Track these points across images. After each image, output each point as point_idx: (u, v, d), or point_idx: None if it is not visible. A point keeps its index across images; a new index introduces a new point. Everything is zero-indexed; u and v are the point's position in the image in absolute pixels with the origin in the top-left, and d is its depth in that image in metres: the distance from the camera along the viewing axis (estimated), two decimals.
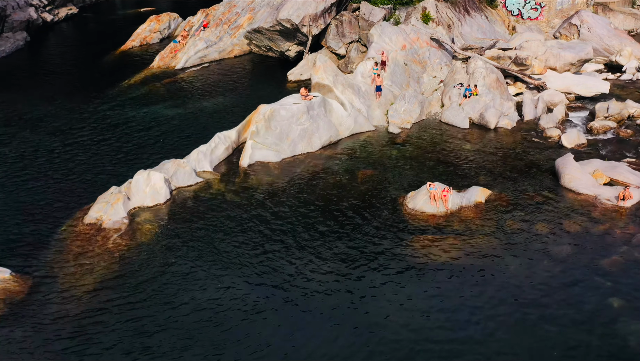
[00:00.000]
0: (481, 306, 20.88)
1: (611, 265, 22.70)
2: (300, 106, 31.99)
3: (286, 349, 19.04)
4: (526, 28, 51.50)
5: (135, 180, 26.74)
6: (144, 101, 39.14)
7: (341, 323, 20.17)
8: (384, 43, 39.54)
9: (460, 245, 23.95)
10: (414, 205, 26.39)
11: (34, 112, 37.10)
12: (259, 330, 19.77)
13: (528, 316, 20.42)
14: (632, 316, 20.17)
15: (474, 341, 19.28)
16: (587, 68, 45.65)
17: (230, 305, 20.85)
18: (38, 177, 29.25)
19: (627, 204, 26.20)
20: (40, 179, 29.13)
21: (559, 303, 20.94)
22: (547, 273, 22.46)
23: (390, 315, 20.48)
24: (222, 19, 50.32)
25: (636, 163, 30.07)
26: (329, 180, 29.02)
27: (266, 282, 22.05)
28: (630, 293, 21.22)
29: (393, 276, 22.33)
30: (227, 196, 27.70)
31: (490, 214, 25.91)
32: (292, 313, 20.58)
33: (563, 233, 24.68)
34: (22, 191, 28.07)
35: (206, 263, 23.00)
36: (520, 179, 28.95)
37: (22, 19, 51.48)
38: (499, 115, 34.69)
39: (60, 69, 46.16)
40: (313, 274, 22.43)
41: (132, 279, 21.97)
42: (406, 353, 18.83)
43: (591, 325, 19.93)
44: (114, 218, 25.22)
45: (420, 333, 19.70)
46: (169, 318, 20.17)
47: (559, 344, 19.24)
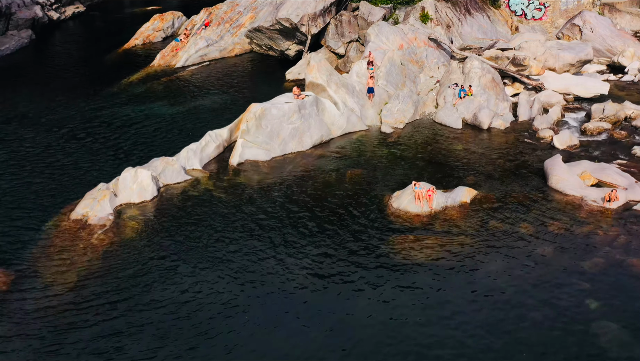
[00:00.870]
0: (459, 306, 20.86)
1: (591, 267, 22.62)
2: (292, 104, 32.12)
3: (261, 348, 19.10)
4: (529, 28, 51.33)
5: (123, 177, 26.99)
6: (142, 99, 39.44)
7: (319, 322, 20.21)
8: (380, 43, 39.58)
9: (442, 245, 23.96)
10: (398, 205, 26.43)
11: (32, 109, 37.52)
12: (235, 328, 19.85)
13: (505, 316, 20.39)
14: (607, 318, 20.11)
15: (452, 341, 19.26)
16: (588, 69, 45.45)
17: (208, 303, 20.96)
18: (28, 173, 29.57)
19: (612, 206, 26.08)
20: (31, 175, 29.45)
21: (537, 304, 20.90)
22: (527, 273, 22.42)
23: (368, 315, 20.49)
24: (224, 17, 50.58)
25: (627, 165, 29.92)
26: (317, 179, 29.12)
27: (247, 280, 22.16)
28: (607, 295, 21.14)
29: (372, 275, 22.37)
30: (214, 194, 27.88)
31: (475, 215, 25.89)
32: (270, 311, 20.64)
33: (546, 234, 24.62)
34: (11, 186, 28.40)
35: (188, 260, 23.17)
36: (508, 179, 28.89)
37: (28, 17, 52.01)
38: (492, 115, 34.60)
39: (62, 66, 46.59)
40: (293, 272, 22.53)
41: (113, 276, 22.18)
42: (383, 354, 18.83)
43: (567, 326, 19.87)
44: (100, 215, 25.48)
45: (398, 333, 19.67)
46: (146, 316, 20.28)
47: (534, 344, 19.20)
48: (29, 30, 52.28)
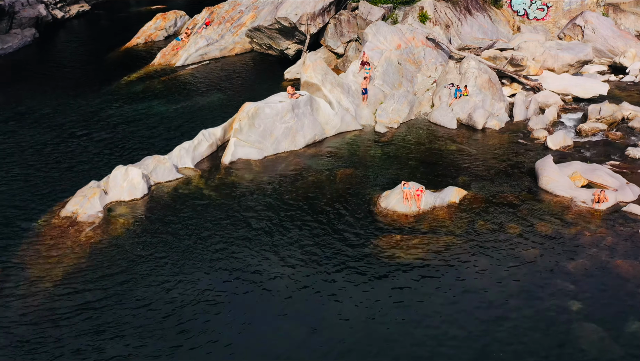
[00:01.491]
0: (441, 306, 20.89)
1: (576, 268, 22.57)
2: (285, 104, 32.21)
3: (241, 347, 19.13)
4: (531, 29, 51.15)
5: (113, 175, 27.19)
6: (140, 98, 39.66)
7: (301, 321, 20.26)
8: (378, 42, 39.61)
9: (428, 245, 23.97)
10: (386, 204, 26.46)
11: (30, 106, 37.81)
12: (217, 327, 19.87)
13: (487, 316, 20.39)
14: (588, 319, 20.08)
15: (432, 341, 19.29)
16: (589, 69, 45.30)
17: (192, 302, 21.03)
18: (22, 170, 29.81)
19: (601, 207, 25.99)
20: (24, 172, 29.68)
21: (519, 305, 20.89)
22: (512, 274, 22.40)
23: (350, 314, 20.53)
24: (225, 17, 50.77)
25: (619, 166, 29.79)
26: (307, 178, 29.19)
27: (232, 279, 22.24)
28: (590, 296, 21.11)
29: (357, 274, 22.43)
30: (204, 192, 28.02)
31: (463, 215, 25.88)
32: (253, 310, 20.70)
33: (533, 235, 24.58)
34: (4, 183, 28.64)
35: (175, 258, 23.30)
36: (499, 180, 28.85)
37: (31, 16, 52.41)
38: (487, 116, 34.54)
39: (63, 65, 46.93)
40: (278, 271, 22.61)
41: (99, 273, 22.34)
42: (363, 353, 18.88)
43: (547, 327, 19.86)
44: (89, 212, 25.69)
45: (379, 332, 19.72)
46: (128, 315, 20.31)
47: (514, 345, 19.20)
48: (33, 28, 52.68)
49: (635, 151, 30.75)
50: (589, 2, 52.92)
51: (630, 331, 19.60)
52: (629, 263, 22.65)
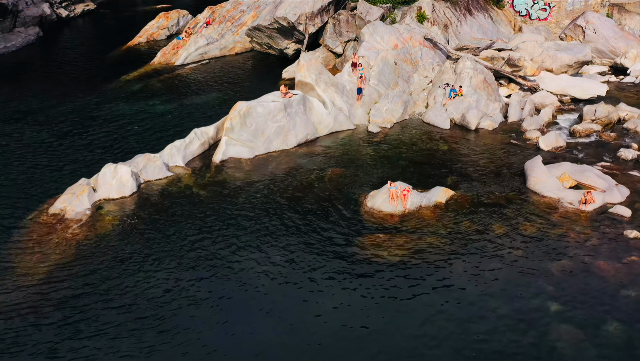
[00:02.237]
0: (420, 306, 20.92)
1: (558, 269, 22.53)
2: (278, 103, 32.33)
3: (217, 345, 19.18)
4: (533, 29, 50.97)
5: (103, 173, 27.43)
6: (138, 96, 39.94)
7: (280, 320, 20.31)
8: (375, 42, 39.67)
9: (411, 245, 24.00)
10: (372, 204, 26.51)
11: (28, 104, 38.17)
12: (195, 325, 19.92)
13: (465, 316, 20.39)
14: (566, 320, 20.04)
15: (409, 341, 19.34)
16: (589, 70, 45.13)
17: (173, 300, 21.11)
18: (15, 168, 30.11)
19: (588, 209, 25.91)
20: (18, 169, 29.99)
21: (498, 305, 20.87)
22: (493, 275, 22.39)
23: (330, 313, 20.60)
24: (226, 16, 50.99)
25: (610, 167, 29.67)
26: (297, 177, 29.29)
27: (214, 277, 22.35)
28: (569, 298, 21.05)
29: (338, 273, 22.50)
30: (193, 191, 28.19)
31: (448, 215, 25.88)
32: (234, 308, 20.81)
33: (518, 236, 24.54)
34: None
35: (159, 256, 23.45)
36: (489, 180, 28.82)
37: (35, 15, 52.87)
38: (480, 116, 34.49)
39: (64, 63, 47.32)
40: (262, 270, 22.68)
41: (82, 270, 22.50)
42: (338, 353, 18.94)
43: (525, 328, 19.82)
44: (77, 209, 25.93)
45: (356, 332, 19.77)
46: (108, 312, 20.45)
47: (490, 346, 19.20)
48: (37, 27, 53.14)
49: (627, 153, 30.60)
50: (593, 2, 52.61)
51: (607, 332, 19.54)
52: (611, 265, 22.57)
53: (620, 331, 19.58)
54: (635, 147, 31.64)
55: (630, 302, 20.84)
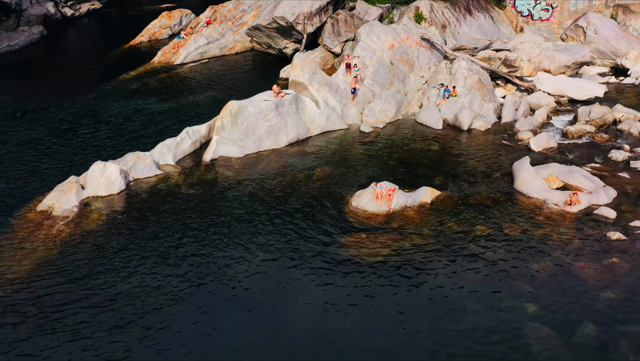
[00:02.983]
0: (397, 305, 20.97)
1: (538, 270, 22.51)
2: (269, 102, 32.47)
3: (192, 341, 19.34)
4: (535, 29, 50.82)
5: (91, 170, 27.69)
6: (136, 95, 40.21)
7: (257, 317, 20.44)
8: (371, 42, 39.69)
9: (392, 245, 24.04)
10: (357, 203, 26.58)
11: (25, 102, 38.52)
12: (172, 323, 20.08)
13: (442, 316, 20.45)
14: (541, 322, 20.02)
15: (384, 339, 19.43)
16: (589, 71, 44.90)
17: (152, 297, 21.22)
18: (8, 164, 30.43)
19: (573, 210, 25.84)
20: (10, 166, 30.32)
21: (476, 306, 20.90)
22: (473, 275, 22.41)
23: (307, 311, 20.73)
24: (227, 15, 51.19)
25: (600, 168, 29.56)
26: (285, 176, 29.41)
27: (196, 274, 22.47)
28: (547, 299, 21.04)
29: (318, 272, 22.60)
30: (182, 189, 28.37)
31: (433, 215, 25.90)
32: (212, 306, 20.92)
33: (501, 236, 24.53)
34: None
35: (143, 253, 23.64)
36: (477, 181, 28.80)
37: (39, 14, 53.36)
38: (473, 116, 34.45)
39: (66, 62, 47.71)
40: (242, 268, 22.83)
41: (65, 267, 22.70)
42: (314, 352, 19.04)
43: (501, 329, 19.85)
44: (65, 207, 26.21)
45: (332, 331, 19.86)
46: (86, 310, 20.59)
47: (465, 346, 19.23)
48: (41, 26, 53.62)
49: (617, 154, 30.46)
50: (597, 2, 52.39)
51: (582, 335, 19.51)
52: (592, 266, 22.52)
53: (595, 333, 19.54)
54: (627, 148, 31.48)
55: (608, 304, 20.78)
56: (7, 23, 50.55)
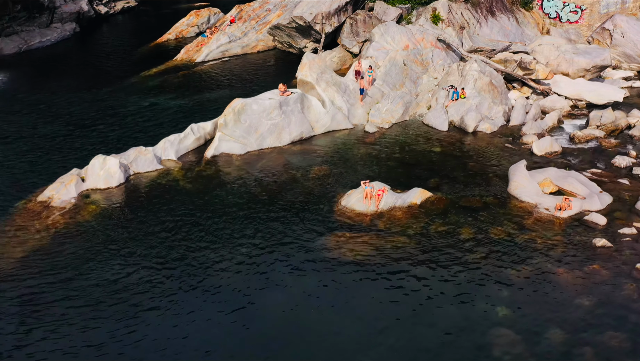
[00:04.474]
0: (369, 305, 21.13)
1: (516, 275, 22.36)
2: (274, 101, 32.88)
3: (163, 344, 19.51)
4: (562, 32, 49.96)
5: (92, 164, 28.54)
6: (154, 91, 41.08)
7: (233, 311, 20.78)
8: (385, 43, 39.74)
9: (374, 244, 24.16)
10: (346, 202, 26.78)
11: (46, 97, 39.74)
12: (149, 317, 20.47)
13: (410, 317, 20.56)
14: (509, 326, 19.94)
15: (350, 339, 19.64)
16: (613, 75, 44.03)
17: (134, 290, 21.65)
18: (16, 156, 31.56)
19: (563, 215, 25.52)
20: (21, 157, 31.46)
21: (448, 308, 20.91)
22: (450, 277, 22.39)
23: (278, 308, 21.00)
24: (251, 14, 51.83)
25: (600, 174, 29.10)
26: (283, 174, 29.78)
27: (181, 268, 22.88)
28: (519, 304, 20.93)
29: (297, 269, 22.87)
30: (180, 184, 28.99)
31: (420, 217, 25.91)
32: (190, 300, 21.29)
33: (485, 240, 24.42)
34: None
35: (133, 246, 24.19)
36: (472, 183, 28.66)
37: (72, 11, 54.96)
38: (479, 119, 34.20)
39: (92, 58, 49.04)
40: (225, 263, 23.13)
41: (54, 257, 23.41)
42: (282, 346, 19.37)
43: (467, 332, 19.84)
44: (64, 198, 27.10)
45: (302, 328, 20.14)
46: (66, 302, 21.15)
47: (428, 347, 19.30)
48: (74, 23, 55.19)
49: (621, 160, 29.90)
50: (631, 4, 51.15)
51: (547, 341, 19.37)
52: (571, 273, 22.26)
53: (561, 339, 19.39)
54: (633, 154, 30.88)
55: (580, 311, 20.56)
56: (40, 20, 52.25)
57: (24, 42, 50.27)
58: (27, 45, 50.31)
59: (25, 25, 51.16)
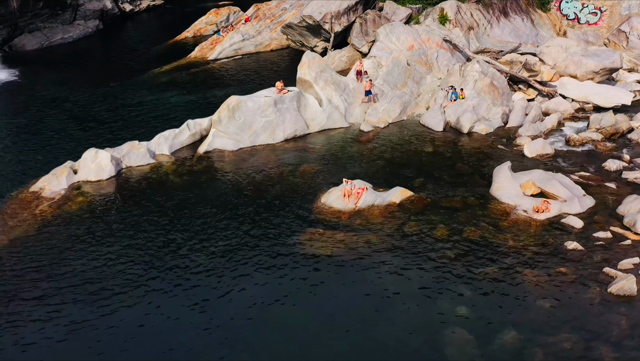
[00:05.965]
0: (334, 299, 21.42)
1: (482, 274, 22.36)
2: (269, 98, 33.34)
3: (131, 333, 20.00)
4: (580, 34, 49.31)
5: (84, 156, 29.43)
6: (163, 87, 41.97)
7: (198, 305, 21.25)
8: (389, 42, 39.88)
9: (347, 241, 24.39)
10: (326, 200, 27.06)
11: (58, 92, 41.03)
12: (114, 311, 20.91)
13: (373, 312, 20.77)
14: (465, 325, 19.98)
15: (310, 332, 20.00)
16: (627, 78, 43.30)
17: (108, 282, 22.24)
18: (18, 148, 32.72)
19: (540, 217, 25.36)
20: (23, 149, 32.63)
21: (410, 306, 21.05)
22: (417, 276, 22.50)
23: (243, 302, 21.38)
24: (267, 13, 52.41)
25: (588, 177, 28.77)
26: (271, 171, 30.20)
27: (154, 260, 23.49)
28: (480, 305, 20.94)
29: (267, 263, 23.26)
30: (169, 178, 29.65)
31: (397, 216, 26.02)
32: (158, 293, 21.82)
33: (458, 240, 24.43)
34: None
35: (112, 236, 24.93)
36: (457, 184, 28.64)
37: (96, 9, 56.39)
38: (474, 120, 34.10)
39: (110, 55, 50.31)
40: (200, 256, 23.63)
41: (36, 245, 24.33)
42: (244, 342, 19.73)
43: (423, 330, 19.97)
44: (55, 189, 28.03)
45: (263, 323, 20.44)
46: (42, 287, 21.98)
47: (383, 344, 19.47)
48: (97, 20, 56.64)
49: (611, 164, 29.52)
50: None
51: (500, 342, 19.37)
52: (536, 275, 22.16)
53: (515, 341, 19.37)
54: (626, 158, 30.45)
55: (539, 313, 20.50)
56: (63, 17, 53.73)
57: (46, 38, 51.81)
58: (48, 41, 51.85)
59: (48, 22, 52.69)
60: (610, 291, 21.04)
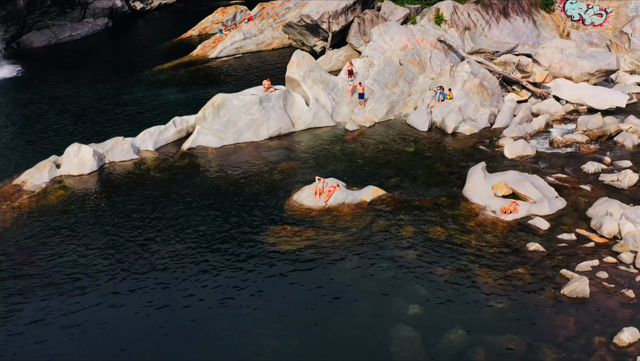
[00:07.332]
0: (290, 295, 21.69)
1: (439, 275, 22.44)
2: (254, 96, 33.73)
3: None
4: (584, 35, 48.94)
5: (67, 151, 30.14)
6: (159, 84, 42.66)
7: (159, 300, 21.67)
8: (382, 42, 39.98)
9: (313, 239, 24.63)
10: (297, 197, 27.34)
11: (59, 89, 41.96)
12: (81, 306, 21.31)
13: (328, 311, 20.96)
14: (414, 324, 20.10)
15: (267, 330, 20.19)
16: (627, 80, 42.89)
17: (76, 275, 22.80)
18: (8, 142, 33.55)
19: (507, 218, 25.34)
20: (12, 142, 33.46)
21: (364, 303, 21.23)
22: (376, 273, 22.67)
23: (204, 295, 21.83)
24: (270, 12, 52.84)
25: (564, 179, 28.68)
26: (250, 168, 30.56)
27: (122, 254, 23.98)
28: (433, 303, 21.05)
29: (231, 261, 23.53)
30: (150, 174, 30.18)
31: (366, 214, 26.20)
32: (124, 289, 22.21)
33: (422, 239, 24.54)
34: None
35: (86, 229, 25.51)
36: (432, 184, 28.73)
37: (105, 7, 57.39)
38: (459, 120, 34.08)
39: (115, 52, 51.22)
40: (167, 251, 24.09)
41: (11, 235, 25.12)
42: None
43: (373, 327, 20.13)
44: (36, 182, 28.75)
45: (224, 320, 20.74)
46: (13, 278, 22.66)
47: (330, 338, 19.69)
48: (106, 18, 57.63)
49: (590, 166, 29.33)
50: None
51: (446, 341, 19.47)
52: (493, 275, 22.19)
53: (460, 340, 19.46)
54: (607, 161, 30.24)
55: (489, 313, 20.57)
56: (72, 15, 54.80)
57: (54, 35, 52.90)
58: (56, 38, 52.94)
59: (57, 20, 53.78)
60: (563, 293, 21.00)
